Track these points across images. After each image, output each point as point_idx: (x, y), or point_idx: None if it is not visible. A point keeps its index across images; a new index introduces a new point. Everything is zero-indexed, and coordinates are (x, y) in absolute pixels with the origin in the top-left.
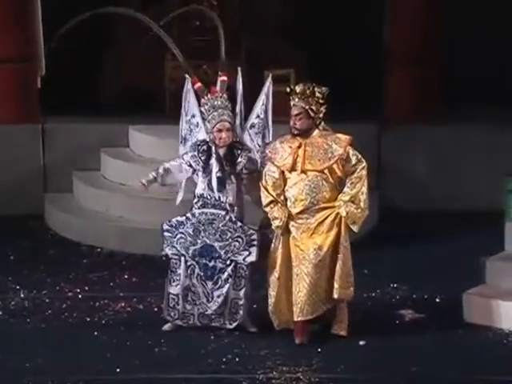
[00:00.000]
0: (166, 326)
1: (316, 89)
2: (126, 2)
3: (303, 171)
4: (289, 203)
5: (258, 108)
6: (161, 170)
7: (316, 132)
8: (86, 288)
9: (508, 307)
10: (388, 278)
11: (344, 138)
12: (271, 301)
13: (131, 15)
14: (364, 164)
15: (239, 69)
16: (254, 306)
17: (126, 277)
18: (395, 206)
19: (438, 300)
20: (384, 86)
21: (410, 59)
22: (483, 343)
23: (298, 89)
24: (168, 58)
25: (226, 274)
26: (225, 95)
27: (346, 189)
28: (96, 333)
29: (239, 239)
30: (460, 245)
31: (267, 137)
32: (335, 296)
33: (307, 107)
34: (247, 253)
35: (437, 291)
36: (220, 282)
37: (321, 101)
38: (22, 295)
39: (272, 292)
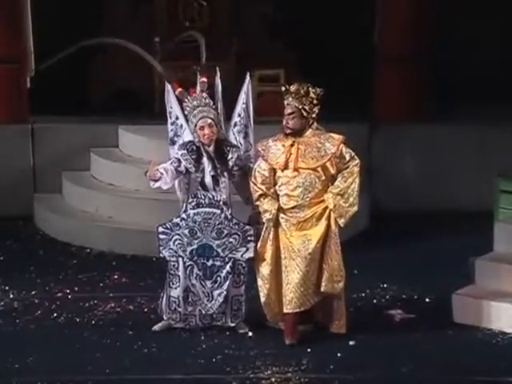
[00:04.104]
0: (156, 327)
1: (310, 89)
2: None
3: (296, 169)
4: (281, 200)
5: (239, 107)
6: (162, 170)
7: (309, 131)
8: (76, 288)
9: (497, 307)
10: (378, 278)
11: (337, 137)
12: (264, 293)
13: (112, 43)
14: (357, 161)
15: (217, 68)
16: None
17: (115, 277)
18: (385, 206)
19: (427, 300)
20: (374, 86)
21: (399, 59)
22: (472, 343)
23: (292, 88)
24: (157, 59)
25: (224, 271)
26: (204, 94)
27: (336, 182)
28: (86, 333)
29: (236, 236)
30: (449, 245)
31: (250, 135)
32: (322, 289)
33: (300, 107)
34: (245, 249)
35: (426, 291)
36: (219, 281)
37: (315, 101)
38: (11, 296)
39: (264, 284)
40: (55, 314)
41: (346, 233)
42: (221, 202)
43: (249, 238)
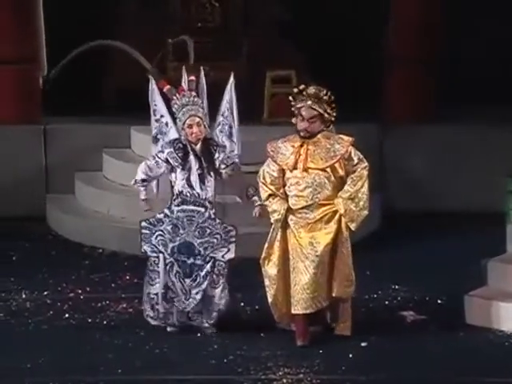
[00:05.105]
0: (170, 327)
1: (328, 92)
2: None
3: (305, 169)
4: (290, 201)
5: (223, 106)
6: (143, 175)
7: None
8: (88, 289)
9: (509, 309)
10: (389, 279)
11: (346, 138)
12: (271, 293)
13: (111, 45)
14: (365, 164)
15: (202, 68)
16: (257, 307)
17: (127, 278)
18: (397, 207)
19: (439, 301)
20: (384, 87)
21: (409, 59)
22: (484, 345)
23: (310, 91)
24: (169, 59)
25: (204, 270)
26: (193, 93)
27: (346, 186)
28: (97, 334)
29: (218, 236)
30: (461, 246)
31: (234, 135)
32: (334, 294)
33: (321, 110)
34: (226, 249)
35: (438, 293)
36: (198, 279)
37: (333, 104)
38: (23, 296)
39: (272, 285)
40: (67, 315)
41: (357, 234)
42: (206, 201)
43: (231, 239)
